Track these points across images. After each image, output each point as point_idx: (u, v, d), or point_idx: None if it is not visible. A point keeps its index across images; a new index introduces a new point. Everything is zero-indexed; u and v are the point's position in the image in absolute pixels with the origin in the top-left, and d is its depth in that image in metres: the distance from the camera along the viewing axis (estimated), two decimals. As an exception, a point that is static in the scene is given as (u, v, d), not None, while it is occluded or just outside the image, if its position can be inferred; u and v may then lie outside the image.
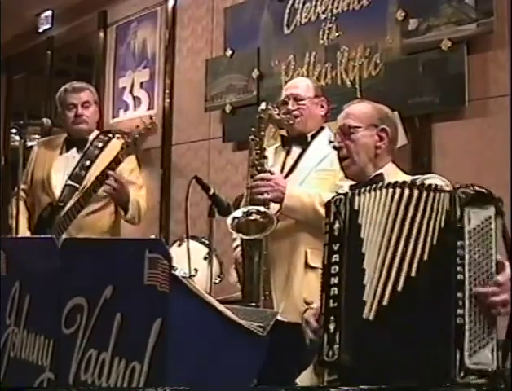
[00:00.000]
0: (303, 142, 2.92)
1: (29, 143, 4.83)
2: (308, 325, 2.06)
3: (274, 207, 2.75)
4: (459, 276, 1.74)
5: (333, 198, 2.03)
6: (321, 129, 2.97)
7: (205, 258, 3.62)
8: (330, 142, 2.38)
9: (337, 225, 1.97)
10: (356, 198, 1.96)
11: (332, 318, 1.88)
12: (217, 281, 3.71)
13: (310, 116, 2.92)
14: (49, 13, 6.61)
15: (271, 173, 2.79)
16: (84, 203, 3.21)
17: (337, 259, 1.93)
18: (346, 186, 2.73)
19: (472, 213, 1.76)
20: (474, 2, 3.32)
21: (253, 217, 2.70)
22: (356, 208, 1.94)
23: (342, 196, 2.00)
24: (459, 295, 1.72)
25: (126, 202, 3.27)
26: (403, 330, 1.79)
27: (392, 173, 2.23)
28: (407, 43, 3.62)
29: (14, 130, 6.96)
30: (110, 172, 3.13)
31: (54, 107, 6.26)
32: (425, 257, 1.80)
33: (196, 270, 3.44)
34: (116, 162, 3.14)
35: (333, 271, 1.93)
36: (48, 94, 6.44)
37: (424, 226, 1.82)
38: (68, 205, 3.24)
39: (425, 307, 1.78)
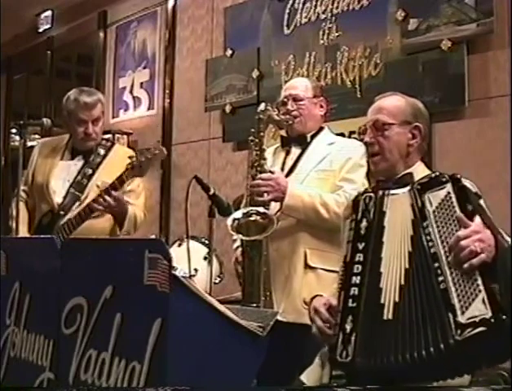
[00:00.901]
0: (303, 142, 2.91)
1: (29, 143, 4.82)
2: (317, 314, 2.03)
3: (274, 206, 2.75)
4: (432, 250, 1.83)
5: (362, 194, 2.01)
6: (321, 129, 2.96)
7: (205, 258, 3.62)
8: (359, 134, 2.31)
9: (364, 223, 1.97)
10: (385, 198, 1.96)
11: (349, 318, 1.87)
12: (217, 281, 3.71)
13: (309, 117, 2.92)
14: (49, 13, 6.62)
15: (272, 173, 2.78)
16: (85, 216, 3.18)
17: (361, 258, 1.92)
18: (346, 186, 2.74)
19: (431, 197, 1.89)
20: (474, 2, 3.32)
21: (253, 218, 2.70)
22: (384, 209, 1.95)
23: (372, 194, 1.99)
24: (436, 265, 1.80)
25: (123, 219, 3.25)
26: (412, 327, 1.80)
27: (421, 172, 2.16)
28: (407, 43, 3.62)
29: (14, 130, 6.95)
30: (113, 192, 3.11)
31: (54, 107, 6.30)
32: (411, 249, 1.87)
33: (196, 270, 3.44)
34: (119, 182, 3.11)
35: (355, 270, 1.92)
36: (48, 94, 6.46)
37: (403, 224, 1.91)
38: (69, 215, 3.22)
39: (420, 298, 1.82)
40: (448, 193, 1.85)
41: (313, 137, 2.92)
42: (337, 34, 4.01)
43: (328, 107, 3.03)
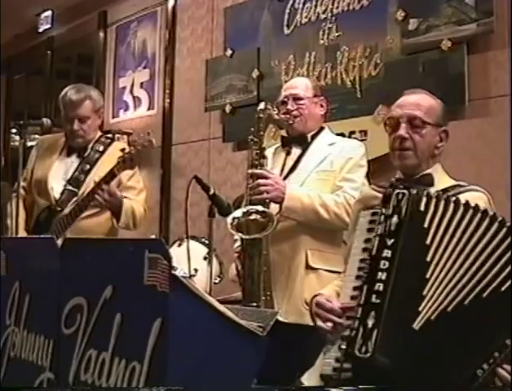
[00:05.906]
0: (303, 142, 2.91)
1: (29, 143, 4.83)
2: (319, 307, 2.03)
3: (274, 208, 2.75)
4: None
5: (393, 190, 1.96)
6: (321, 129, 2.96)
7: (205, 258, 3.62)
8: (385, 124, 2.24)
9: (395, 219, 1.90)
10: (423, 199, 1.90)
11: (372, 313, 1.83)
12: (217, 281, 3.71)
13: (309, 116, 2.91)
14: (49, 13, 6.62)
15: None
16: (80, 211, 3.20)
17: (389, 255, 1.87)
18: (346, 186, 2.74)
19: None
20: (474, 2, 3.32)
21: (252, 216, 2.70)
22: (422, 209, 1.89)
23: (405, 191, 1.93)
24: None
25: (119, 211, 3.25)
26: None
27: (439, 175, 2.17)
28: (407, 43, 3.62)
29: (14, 130, 6.96)
30: (104, 186, 3.12)
31: (54, 107, 6.30)
32: (474, 269, 1.83)
33: (196, 270, 3.44)
34: (111, 176, 3.13)
35: (381, 266, 1.87)
36: (48, 94, 6.45)
37: (480, 250, 1.84)
38: (66, 211, 3.23)
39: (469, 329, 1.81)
40: None
41: (313, 137, 2.92)
42: (337, 34, 4.01)
43: (328, 107, 3.03)
